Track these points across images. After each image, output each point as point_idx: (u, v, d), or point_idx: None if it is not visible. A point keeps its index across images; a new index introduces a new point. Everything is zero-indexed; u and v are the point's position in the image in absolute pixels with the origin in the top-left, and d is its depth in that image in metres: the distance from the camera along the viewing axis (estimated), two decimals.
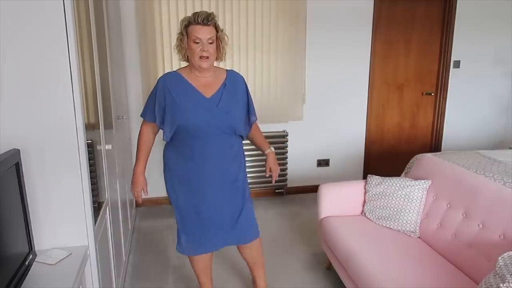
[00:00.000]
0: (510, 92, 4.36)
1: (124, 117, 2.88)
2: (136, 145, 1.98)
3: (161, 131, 1.97)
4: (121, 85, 2.99)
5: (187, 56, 1.84)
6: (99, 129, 1.94)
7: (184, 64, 1.97)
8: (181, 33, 1.82)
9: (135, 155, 1.99)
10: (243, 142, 2.09)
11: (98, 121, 1.93)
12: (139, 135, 1.97)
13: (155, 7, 3.36)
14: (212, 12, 1.79)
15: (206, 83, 1.88)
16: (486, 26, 4.09)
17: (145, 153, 1.96)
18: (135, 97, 3.51)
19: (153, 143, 2.00)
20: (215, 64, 1.94)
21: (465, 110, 4.31)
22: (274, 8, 3.58)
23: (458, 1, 3.96)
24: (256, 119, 2.07)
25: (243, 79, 2.01)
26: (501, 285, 1.31)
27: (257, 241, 2.14)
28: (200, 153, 1.89)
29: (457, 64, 4.13)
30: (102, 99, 2.00)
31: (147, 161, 1.98)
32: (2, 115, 1.43)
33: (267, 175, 2.14)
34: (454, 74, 4.15)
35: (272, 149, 2.14)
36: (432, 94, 4.23)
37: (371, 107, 4.07)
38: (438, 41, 4.11)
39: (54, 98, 1.46)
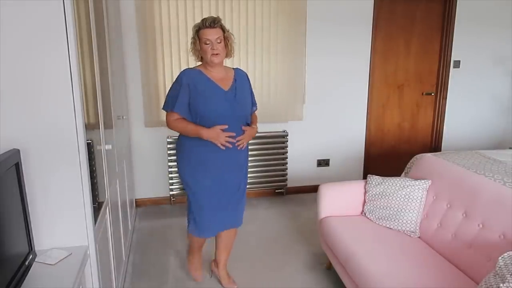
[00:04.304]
0: (510, 92, 4.36)
1: (124, 117, 2.88)
2: (180, 130, 2.11)
3: None
4: (121, 85, 2.99)
5: (201, 57, 2.09)
6: (99, 129, 1.94)
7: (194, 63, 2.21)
8: (193, 38, 2.07)
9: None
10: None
11: (98, 121, 1.93)
12: (171, 124, 2.11)
13: (155, 7, 3.36)
14: (218, 16, 2.06)
15: (221, 78, 2.12)
16: (486, 25, 4.09)
17: (190, 123, 2.09)
18: (135, 97, 3.51)
19: None
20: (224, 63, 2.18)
21: (465, 110, 4.31)
22: (274, 8, 3.58)
23: (458, 1, 3.96)
24: (257, 108, 2.32)
25: (247, 75, 2.26)
26: (501, 285, 1.31)
27: (237, 228, 2.39)
28: None
29: (457, 64, 4.13)
30: (102, 99, 2.00)
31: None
32: (2, 115, 1.43)
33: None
34: (454, 74, 4.15)
35: (256, 127, 2.23)
36: (432, 94, 4.23)
37: (371, 107, 4.07)
38: (438, 41, 4.11)
39: (54, 98, 1.46)
